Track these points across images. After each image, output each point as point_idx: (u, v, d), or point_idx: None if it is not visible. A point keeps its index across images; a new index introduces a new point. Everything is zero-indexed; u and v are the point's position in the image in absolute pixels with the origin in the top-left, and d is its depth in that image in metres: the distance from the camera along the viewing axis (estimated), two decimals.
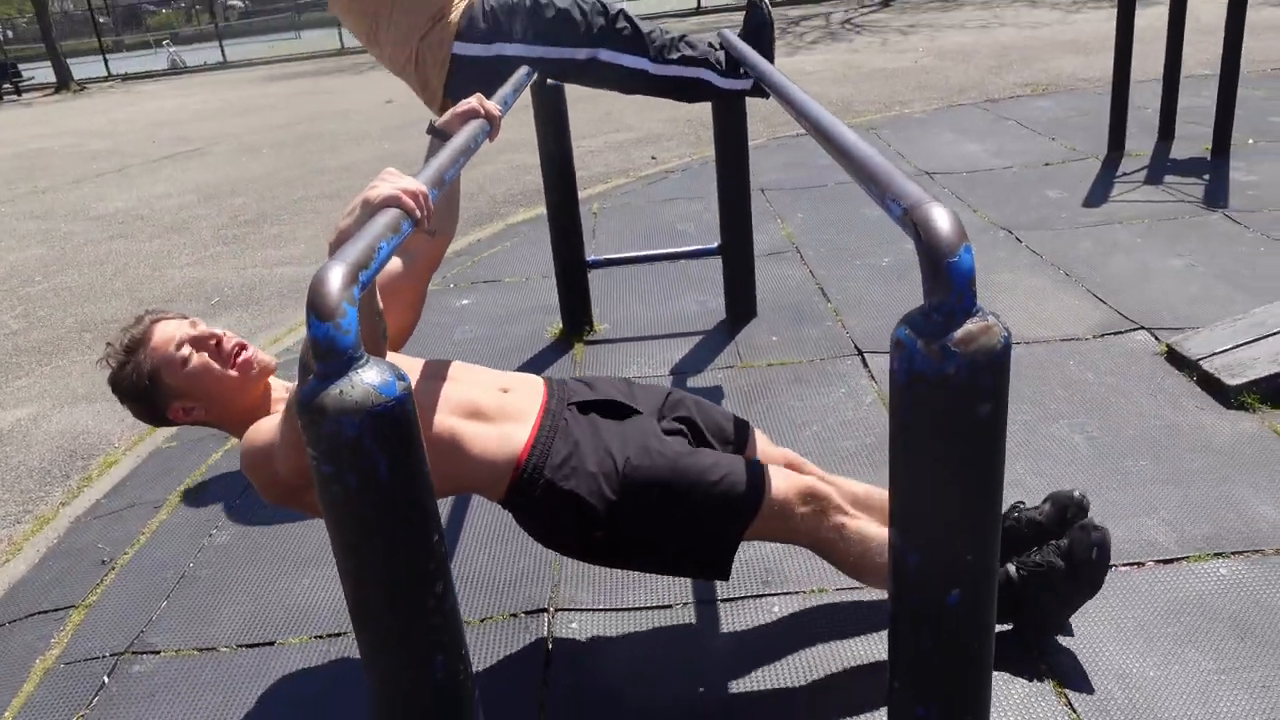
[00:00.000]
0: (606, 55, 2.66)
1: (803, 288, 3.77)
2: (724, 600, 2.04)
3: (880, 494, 1.92)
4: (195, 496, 2.73)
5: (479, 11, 2.54)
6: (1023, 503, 1.99)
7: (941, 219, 0.96)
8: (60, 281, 5.29)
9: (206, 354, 1.64)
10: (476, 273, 4.46)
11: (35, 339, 4.41)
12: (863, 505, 1.83)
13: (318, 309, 0.98)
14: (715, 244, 3.47)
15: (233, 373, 1.65)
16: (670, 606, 2.04)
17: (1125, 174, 4.86)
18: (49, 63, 21.11)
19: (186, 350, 1.64)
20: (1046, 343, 3.06)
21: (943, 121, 6.66)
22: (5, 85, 20.88)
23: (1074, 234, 4.04)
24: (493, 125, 1.70)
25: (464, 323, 3.84)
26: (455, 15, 2.53)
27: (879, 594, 1.96)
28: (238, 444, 3.00)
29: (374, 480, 0.98)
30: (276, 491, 1.56)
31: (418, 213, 1.21)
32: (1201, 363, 2.73)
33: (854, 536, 1.71)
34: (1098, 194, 4.61)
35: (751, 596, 2.03)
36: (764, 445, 1.92)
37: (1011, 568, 1.78)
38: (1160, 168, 4.92)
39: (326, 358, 0.98)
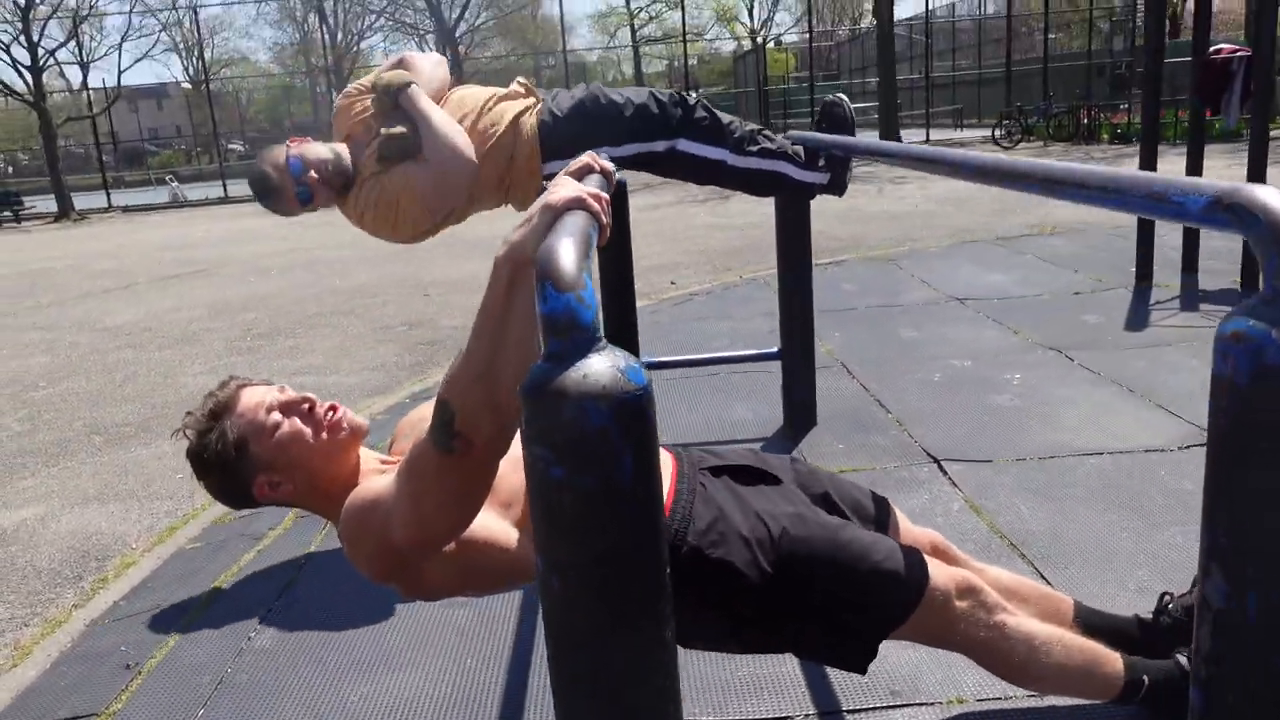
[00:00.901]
0: (685, 146, 2.61)
1: (859, 398, 3.65)
2: (850, 712, 1.81)
3: (1030, 585, 1.74)
4: (228, 598, 2.48)
5: (551, 128, 2.47)
6: (1169, 593, 1.82)
7: (1274, 195, 0.85)
8: (67, 387, 5.08)
9: (298, 419, 1.46)
10: None
11: (41, 440, 4.17)
12: (1016, 598, 1.65)
13: (554, 278, 0.83)
14: (775, 348, 3.36)
15: (325, 436, 1.46)
16: (791, 718, 1.80)
17: (1159, 302, 4.86)
18: (50, 195, 21.43)
19: (277, 417, 1.45)
20: (1129, 453, 2.93)
21: (960, 255, 6.73)
22: (5, 213, 21.10)
23: (1125, 354, 3.98)
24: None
25: None
26: (526, 138, 2.46)
27: (1027, 703, 1.75)
28: (268, 545, 2.79)
29: (617, 485, 0.81)
30: (386, 563, 1.35)
31: (604, 217, 1.08)
32: None
33: (1017, 635, 1.51)
34: (1138, 319, 4.59)
35: (881, 708, 1.81)
36: (905, 525, 1.74)
37: (1183, 659, 1.59)
38: (1193, 297, 4.93)
39: (566, 333, 0.82)
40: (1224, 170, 9.16)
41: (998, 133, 19.61)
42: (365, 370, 4.93)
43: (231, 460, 1.43)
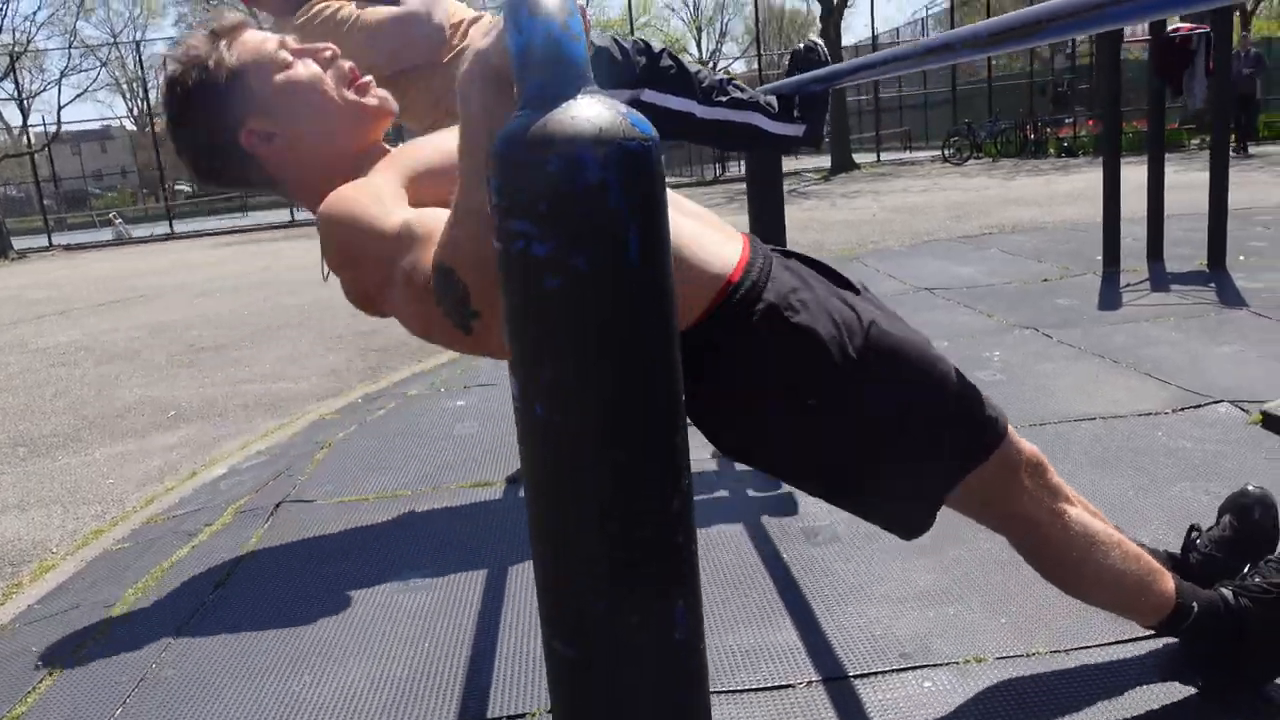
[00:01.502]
0: (650, 96, 2.44)
1: None
2: (857, 677, 1.61)
3: (1080, 498, 1.53)
4: (157, 594, 2.22)
5: None
6: (1197, 526, 1.66)
7: None
8: None
9: (315, 64, 1.21)
10: (468, 377, 4.10)
11: None
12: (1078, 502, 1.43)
13: (530, 3, 0.65)
14: None
15: (348, 93, 1.20)
16: (791, 686, 1.60)
17: (1130, 285, 4.79)
18: None
19: (287, 55, 1.20)
20: (1123, 418, 2.79)
21: (924, 252, 6.66)
22: None
23: (1104, 329, 3.87)
24: None
25: (463, 420, 3.45)
26: None
27: (1052, 661, 1.57)
28: (204, 540, 2.52)
29: (619, 264, 0.62)
30: (361, 295, 1.11)
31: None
32: None
33: (1078, 527, 1.30)
34: (1110, 299, 4.51)
35: (890, 672, 1.61)
36: None
37: (1227, 592, 1.42)
38: (1162, 278, 4.87)
39: (547, 68, 0.63)
40: (1177, 176, 9.26)
41: (947, 151, 19.85)
42: (316, 376, 4.68)
43: (219, 90, 1.16)
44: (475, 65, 0.84)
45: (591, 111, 0.62)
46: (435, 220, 0.99)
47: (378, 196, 1.08)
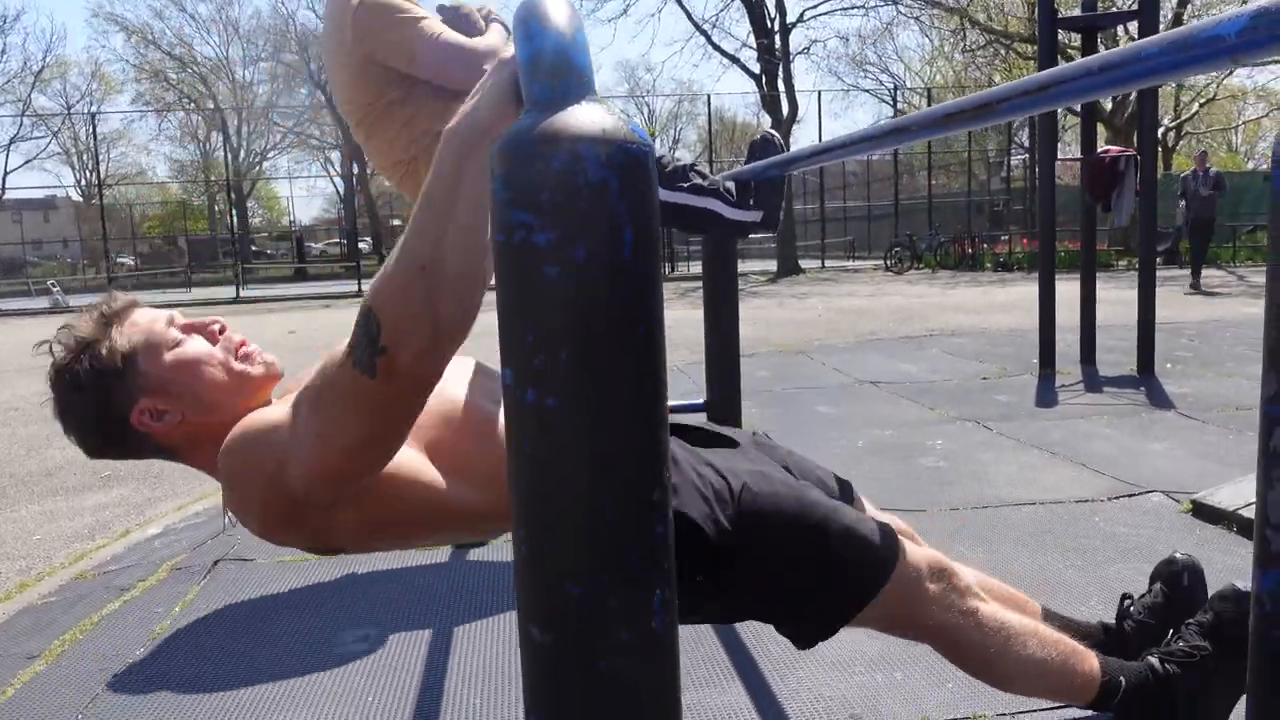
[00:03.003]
0: None
1: None
2: None
3: (996, 582, 1.60)
4: (86, 647, 2.13)
5: None
6: (1130, 595, 1.71)
7: None
8: None
9: (205, 339, 1.24)
10: None
11: None
12: (988, 591, 1.50)
13: (540, 16, 0.70)
14: (701, 400, 3.24)
15: (235, 364, 1.23)
16: None
17: (1065, 385, 4.97)
18: None
19: (177, 334, 1.22)
20: (1061, 503, 2.87)
21: (867, 349, 6.84)
22: None
23: (1041, 424, 4.00)
24: None
25: None
26: None
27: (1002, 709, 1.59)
28: (135, 596, 2.42)
29: (615, 257, 0.66)
30: (280, 511, 1.11)
31: None
32: (1240, 512, 2.57)
33: (992, 624, 1.36)
34: (1047, 397, 4.67)
35: None
36: (870, 509, 1.60)
37: (1154, 660, 1.47)
38: (1095, 381, 5.06)
39: (556, 75, 0.69)
40: (1105, 292, 9.69)
41: (889, 260, 20.54)
42: None
43: (112, 373, 1.18)
44: (463, 119, 0.89)
45: (596, 115, 0.67)
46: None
47: (262, 413, 1.15)
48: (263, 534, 1.15)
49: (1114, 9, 14.16)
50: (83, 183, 44.46)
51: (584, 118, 0.67)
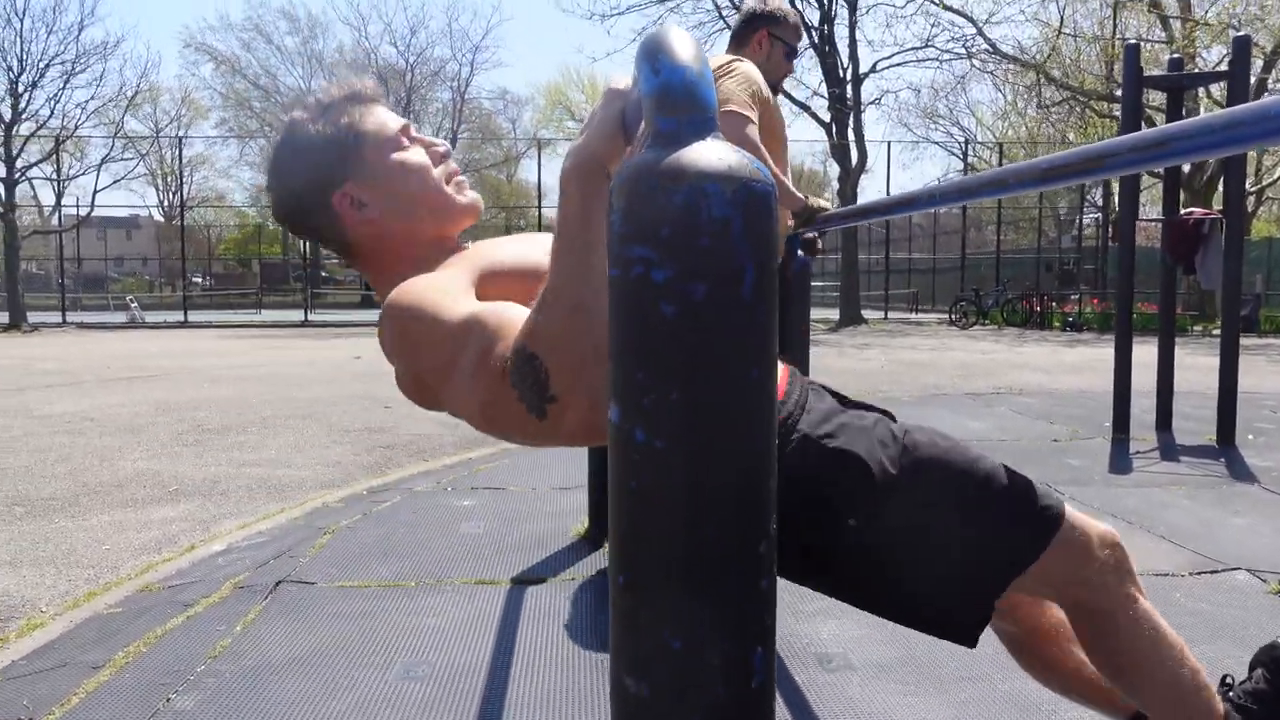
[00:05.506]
0: None
1: None
2: None
3: None
4: (148, 659, 2.15)
5: None
6: (1230, 676, 1.61)
7: None
8: None
9: (429, 156, 1.28)
10: (476, 480, 4.07)
11: None
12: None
13: (668, 50, 0.70)
14: None
15: (448, 187, 1.27)
16: None
17: (1140, 452, 4.81)
18: (3, 311, 20.95)
19: (406, 140, 1.27)
20: (1140, 575, 2.75)
21: (934, 405, 6.71)
22: None
23: (1116, 492, 3.87)
24: None
25: (470, 519, 3.40)
26: None
27: None
28: (199, 612, 2.44)
29: (735, 296, 0.64)
30: (413, 388, 1.16)
31: None
32: None
33: (1147, 619, 1.25)
34: (1121, 464, 4.52)
35: None
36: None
37: None
38: (1172, 449, 4.89)
39: (681, 110, 0.68)
40: (1181, 357, 9.42)
41: (953, 314, 20.25)
42: (320, 465, 4.65)
43: (339, 145, 1.22)
44: (576, 160, 0.90)
45: (721, 152, 0.66)
46: (508, 312, 1.03)
47: (445, 289, 1.13)
48: (395, 368, 1.17)
49: (1197, 70, 13.92)
50: (165, 204, 46.07)
51: (708, 153, 0.66)
